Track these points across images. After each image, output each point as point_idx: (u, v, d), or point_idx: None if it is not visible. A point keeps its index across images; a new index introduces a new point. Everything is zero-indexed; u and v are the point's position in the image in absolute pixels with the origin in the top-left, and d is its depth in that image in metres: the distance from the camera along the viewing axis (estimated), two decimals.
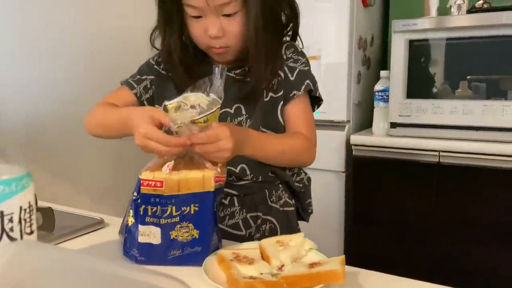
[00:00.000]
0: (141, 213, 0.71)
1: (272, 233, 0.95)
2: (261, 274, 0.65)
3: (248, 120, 0.92)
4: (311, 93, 0.97)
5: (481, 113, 1.71)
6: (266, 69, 0.89)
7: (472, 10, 1.81)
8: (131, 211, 0.74)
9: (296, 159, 0.96)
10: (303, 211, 1.04)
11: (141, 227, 0.72)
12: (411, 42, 1.83)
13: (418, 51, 1.84)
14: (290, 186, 1.00)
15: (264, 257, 0.71)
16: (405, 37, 1.83)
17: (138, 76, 1.00)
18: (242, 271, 0.65)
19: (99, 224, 0.96)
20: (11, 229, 0.39)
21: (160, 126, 0.74)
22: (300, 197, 1.02)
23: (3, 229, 0.39)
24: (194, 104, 0.72)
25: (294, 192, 1.01)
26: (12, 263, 0.34)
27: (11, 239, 0.40)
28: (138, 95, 0.98)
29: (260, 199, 0.95)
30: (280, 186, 0.98)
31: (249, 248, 0.75)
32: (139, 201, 0.72)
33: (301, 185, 1.01)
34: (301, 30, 2.17)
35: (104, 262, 0.34)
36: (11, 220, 0.39)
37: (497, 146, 1.64)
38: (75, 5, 1.59)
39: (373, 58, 2.21)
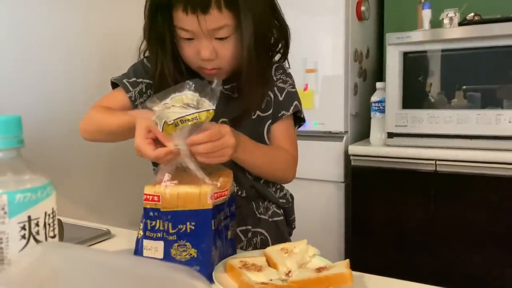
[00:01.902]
0: (146, 226, 0.71)
1: (264, 245, 0.95)
2: (271, 280, 0.67)
3: None
4: (298, 114, 1.00)
5: (475, 122, 1.75)
6: (257, 92, 0.90)
7: (464, 22, 1.86)
8: (141, 224, 0.76)
9: (279, 173, 0.97)
10: (287, 226, 1.05)
11: (145, 242, 0.72)
12: (406, 54, 1.88)
13: (413, 63, 1.89)
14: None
15: (270, 264, 0.73)
16: (399, 49, 1.88)
17: (134, 78, 0.95)
18: (252, 278, 0.66)
19: (106, 235, 0.97)
20: (37, 233, 0.42)
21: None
22: (285, 212, 1.03)
23: (30, 233, 0.41)
24: (181, 103, 0.69)
25: (280, 206, 1.02)
26: (40, 262, 0.37)
27: (37, 241, 0.42)
28: (132, 98, 0.94)
29: (248, 211, 0.95)
30: (267, 199, 0.99)
31: (255, 256, 0.77)
32: (143, 214, 0.72)
33: (284, 200, 1.02)
34: (299, 45, 2.22)
35: (128, 259, 0.36)
36: (37, 224, 0.42)
37: (491, 154, 1.67)
38: (76, 6, 1.61)
39: (369, 70, 2.25)
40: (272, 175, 0.97)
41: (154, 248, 0.71)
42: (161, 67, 0.89)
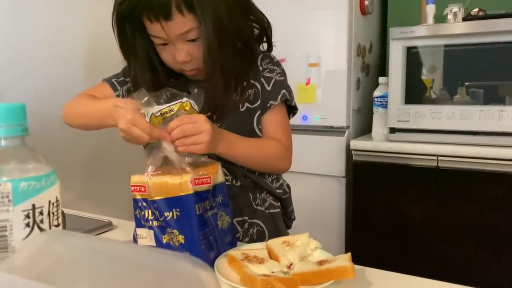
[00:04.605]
0: (138, 216, 0.73)
1: (260, 236, 0.96)
2: (272, 272, 0.67)
3: None
4: (287, 102, 0.99)
5: (478, 118, 1.75)
6: (225, 92, 0.89)
7: (468, 17, 1.85)
8: None
9: (270, 164, 0.96)
10: (286, 217, 1.05)
11: (138, 230, 0.73)
12: (409, 49, 1.87)
13: (416, 58, 1.88)
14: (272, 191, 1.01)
15: (272, 256, 0.73)
16: (402, 44, 1.87)
17: (122, 78, 0.99)
18: (253, 270, 0.66)
19: (107, 226, 0.98)
20: (41, 221, 0.42)
21: None
22: (282, 203, 1.03)
23: (34, 221, 0.41)
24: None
25: (277, 197, 1.02)
26: (44, 250, 0.37)
27: (41, 230, 0.42)
28: (120, 97, 0.98)
29: (245, 202, 0.96)
30: (264, 189, 0.99)
31: (256, 248, 0.77)
32: (134, 205, 0.73)
33: (281, 191, 1.02)
34: (301, 39, 2.22)
35: (132, 248, 0.36)
36: (41, 213, 0.42)
37: (493, 150, 1.67)
38: (76, 5, 1.61)
39: (372, 65, 2.24)
40: (262, 167, 0.97)
41: (149, 236, 0.72)
42: (134, 74, 0.92)
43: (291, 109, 1.01)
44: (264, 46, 1.00)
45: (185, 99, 0.72)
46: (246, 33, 0.91)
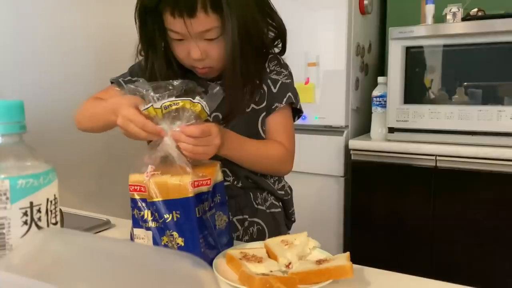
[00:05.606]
0: (136, 216, 0.72)
1: (260, 235, 0.96)
2: (271, 271, 0.67)
3: None
4: (293, 105, 0.99)
5: (476, 118, 1.75)
6: (242, 94, 0.90)
7: (467, 17, 1.85)
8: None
9: (272, 167, 0.97)
10: (286, 219, 1.05)
11: (135, 230, 0.72)
12: (408, 49, 1.87)
13: (415, 58, 1.88)
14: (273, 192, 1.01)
15: (270, 255, 0.73)
16: (401, 44, 1.87)
17: (129, 77, 0.99)
18: (252, 269, 0.66)
19: (106, 224, 0.97)
20: (39, 219, 0.42)
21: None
22: (283, 204, 1.03)
23: (32, 219, 0.41)
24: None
25: (279, 198, 1.02)
26: (42, 249, 0.37)
27: (39, 228, 0.42)
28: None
29: (245, 201, 0.96)
30: (265, 190, 0.99)
31: (255, 247, 0.77)
32: (131, 204, 0.72)
33: (283, 192, 1.02)
34: (300, 38, 2.22)
35: (130, 246, 0.36)
36: (39, 211, 0.42)
37: (492, 151, 1.67)
38: (77, 3, 1.61)
39: (371, 65, 2.24)
40: (264, 169, 0.97)
41: (147, 237, 0.71)
42: (151, 67, 0.92)
43: (296, 112, 1.02)
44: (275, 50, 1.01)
45: (197, 98, 0.70)
46: (264, 37, 0.92)
